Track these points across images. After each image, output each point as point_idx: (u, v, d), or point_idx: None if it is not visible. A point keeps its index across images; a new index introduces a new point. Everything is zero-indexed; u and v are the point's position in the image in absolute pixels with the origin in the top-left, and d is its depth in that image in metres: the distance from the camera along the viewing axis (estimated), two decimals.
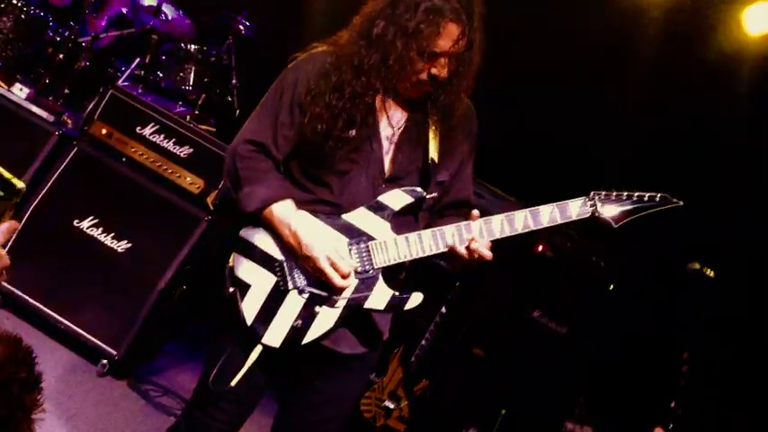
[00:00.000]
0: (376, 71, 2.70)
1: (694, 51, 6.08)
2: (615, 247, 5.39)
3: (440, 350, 5.27)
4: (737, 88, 6.04)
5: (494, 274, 5.32)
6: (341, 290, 2.68)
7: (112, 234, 4.64)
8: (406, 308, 2.75)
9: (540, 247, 5.37)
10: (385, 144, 2.81)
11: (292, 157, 2.82)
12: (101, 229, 4.66)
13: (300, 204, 2.75)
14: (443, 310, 5.17)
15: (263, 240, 2.76)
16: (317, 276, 2.70)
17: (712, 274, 3.87)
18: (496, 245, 2.79)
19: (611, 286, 5.30)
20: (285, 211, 2.70)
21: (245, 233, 2.79)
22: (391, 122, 2.83)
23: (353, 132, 2.73)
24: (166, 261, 4.62)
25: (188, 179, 4.72)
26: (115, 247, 4.64)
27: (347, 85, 2.71)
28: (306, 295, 2.71)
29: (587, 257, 5.38)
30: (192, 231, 4.65)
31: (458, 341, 5.36)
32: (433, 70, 2.70)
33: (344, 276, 2.66)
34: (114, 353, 4.54)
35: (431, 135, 2.82)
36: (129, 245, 4.64)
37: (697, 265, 3.90)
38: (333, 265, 2.65)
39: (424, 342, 5.21)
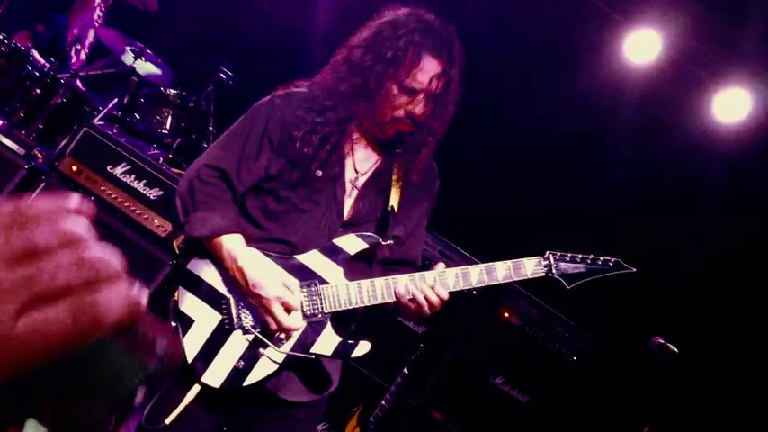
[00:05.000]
0: (353, 98, 2.68)
1: (667, 136, 6.22)
2: (580, 319, 5.38)
3: (400, 412, 5.18)
4: (708, 170, 6.16)
5: (458, 338, 5.27)
6: (287, 330, 2.62)
7: None
8: (353, 356, 2.69)
9: (506, 314, 5.34)
10: (348, 187, 2.78)
11: (252, 191, 2.77)
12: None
13: (253, 242, 2.69)
14: (406, 371, 5.09)
15: (210, 275, 2.69)
16: (263, 316, 2.63)
17: (676, 349, 3.86)
18: (461, 312, 2.77)
19: (575, 357, 5.26)
20: (234, 246, 2.64)
21: (193, 266, 2.71)
22: (356, 167, 2.81)
23: (320, 172, 2.71)
24: None
25: (155, 222, 4.67)
26: None
27: (319, 116, 2.69)
28: (250, 336, 2.64)
29: (552, 327, 5.36)
30: (156, 274, 4.56)
31: (418, 404, 5.28)
32: (410, 107, 2.68)
33: (289, 311, 2.61)
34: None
35: (394, 186, 2.80)
36: None
37: (661, 340, 3.89)
38: (283, 304, 2.60)
39: (384, 402, 5.12)
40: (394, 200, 2.80)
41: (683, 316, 5.81)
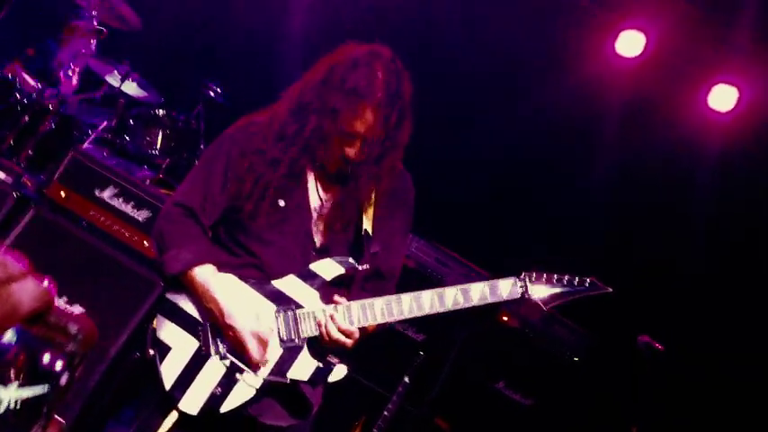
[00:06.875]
0: (293, 140, 2.72)
1: (659, 130, 6.18)
2: (580, 320, 5.34)
3: (403, 421, 5.15)
4: (701, 164, 6.12)
5: (458, 344, 5.24)
6: (260, 363, 2.63)
7: (65, 298, 4.53)
8: (329, 380, 2.71)
9: (505, 318, 5.31)
10: (314, 215, 2.80)
11: (221, 222, 2.80)
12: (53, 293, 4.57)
13: (229, 268, 2.72)
14: (407, 380, 5.07)
15: (188, 303, 2.72)
16: (237, 349, 2.65)
17: (662, 347, 3.85)
18: (459, 314, 2.77)
19: (576, 359, 5.22)
20: (207, 277, 2.67)
21: (172, 295, 2.75)
22: (320, 194, 2.83)
23: (282, 202, 2.73)
24: (120, 326, 4.51)
25: (145, 243, 4.66)
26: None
27: (270, 151, 2.73)
28: (227, 362, 2.66)
29: (552, 329, 5.32)
30: (147, 296, 4.56)
31: (421, 412, 5.25)
32: (346, 149, 2.71)
33: (264, 349, 2.62)
34: (62, 421, 4.41)
35: (364, 206, 2.81)
36: (82, 309, 4.54)
37: (647, 339, 3.88)
38: (257, 337, 2.61)
39: (386, 413, 5.09)
40: (366, 221, 2.81)
41: (674, 315, 5.79)
